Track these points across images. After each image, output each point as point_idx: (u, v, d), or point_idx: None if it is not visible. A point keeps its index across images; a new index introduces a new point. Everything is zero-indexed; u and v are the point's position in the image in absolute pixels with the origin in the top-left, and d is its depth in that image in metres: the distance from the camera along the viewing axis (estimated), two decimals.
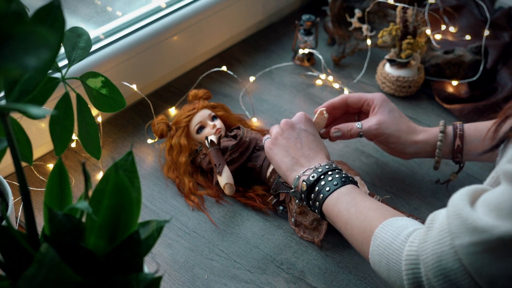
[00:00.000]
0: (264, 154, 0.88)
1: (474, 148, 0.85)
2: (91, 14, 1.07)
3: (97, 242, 0.48)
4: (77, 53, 0.69)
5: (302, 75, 1.16)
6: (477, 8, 1.31)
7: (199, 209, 0.88)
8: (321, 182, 0.74)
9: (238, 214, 0.87)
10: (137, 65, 1.02)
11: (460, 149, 0.85)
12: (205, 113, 0.94)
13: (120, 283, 0.47)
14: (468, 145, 0.85)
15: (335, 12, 1.19)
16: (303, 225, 0.83)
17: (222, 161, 0.86)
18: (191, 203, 0.88)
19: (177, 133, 0.93)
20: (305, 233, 0.83)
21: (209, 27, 1.14)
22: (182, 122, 0.93)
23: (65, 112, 0.65)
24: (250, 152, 0.89)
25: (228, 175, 0.86)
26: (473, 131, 0.85)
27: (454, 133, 0.85)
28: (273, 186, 0.86)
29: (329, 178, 0.73)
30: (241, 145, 0.88)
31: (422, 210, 0.89)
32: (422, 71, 1.11)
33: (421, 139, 0.86)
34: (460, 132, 0.85)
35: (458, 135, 0.85)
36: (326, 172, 0.74)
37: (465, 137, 0.85)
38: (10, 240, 0.47)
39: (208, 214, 0.87)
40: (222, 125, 0.94)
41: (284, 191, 0.84)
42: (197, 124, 0.92)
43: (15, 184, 0.87)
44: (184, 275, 0.78)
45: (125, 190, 0.47)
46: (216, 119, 0.94)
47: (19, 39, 0.36)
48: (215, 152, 0.87)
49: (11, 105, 0.42)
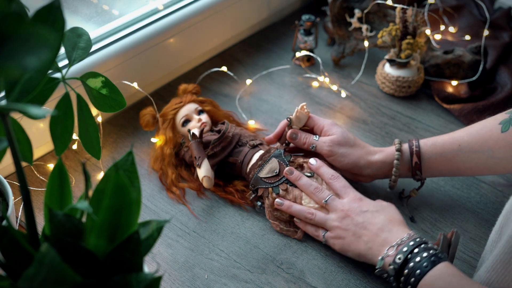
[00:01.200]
0: (246, 150, 0.89)
1: (434, 163, 0.83)
2: (91, 14, 1.07)
3: (97, 242, 0.48)
4: (77, 53, 0.69)
5: (300, 78, 1.16)
6: (477, 8, 1.31)
7: (180, 201, 0.89)
8: (409, 264, 0.68)
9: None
10: (137, 65, 1.03)
11: (418, 166, 0.84)
12: (192, 107, 0.95)
13: (120, 283, 0.47)
14: (426, 161, 0.84)
15: (335, 12, 1.19)
16: (281, 219, 0.84)
17: (203, 154, 0.87)
18: (171, 195, 0.89)
19: (163, 125, 0.94)
20: (284, 227, 0.84)
21: (209, 27, 1.14)
22: (169, 115, 0.94)
23: (65, 112, 0.65)
24: (232, 147, 0.90)
25: (207, 168, 0.86)
26: (430, 146, 0.83)
27: (410, 150, 0.84)
28: (251, 181, 0.86)
29: (418, 259, 0.68)
30: (223, 140, 0.89)
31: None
32: (422, 71, 1.11)
33: (377, 159, 0.85)
34: (417, 149, 0.83)
35: (415, 152, 0.83)
36: (412, 251, 0.69)
37: (422, 153, 0.83)
38: (11, 240, 0.47)
39: (189, 206, 0.88)
40: (208, 119, 0.95)
41: (262, 186, 0.85)
42: (183, 117, 0.94)
43: (16, 184, 0.87)
44: (184, 275, 0.78)
45: (125, 190, 0.47)
46: (202, 114, 0.95)
47: (19, 39, 0.36)
48: (196, 145, 0.88)
49: (11, 105, 0.42)
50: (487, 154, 0.80)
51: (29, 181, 0.90)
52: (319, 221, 0.79)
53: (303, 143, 0.87)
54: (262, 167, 0.85)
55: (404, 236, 0.72)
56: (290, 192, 0.83)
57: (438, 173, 0.86)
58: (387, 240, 0.72)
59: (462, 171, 0.84)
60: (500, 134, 0.78)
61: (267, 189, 0.84)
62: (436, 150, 0.83)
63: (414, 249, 0.69)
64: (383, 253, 0.72)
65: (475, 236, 0.85)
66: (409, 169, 0.85)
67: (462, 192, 0.92)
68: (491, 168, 0.81)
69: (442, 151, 0.83)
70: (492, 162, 0.80)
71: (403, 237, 0.72)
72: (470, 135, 0.82)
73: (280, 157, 0.86)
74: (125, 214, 0.48)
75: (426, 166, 0.84)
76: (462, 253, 0.82)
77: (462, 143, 0.82)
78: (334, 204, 0.78)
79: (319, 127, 0.88)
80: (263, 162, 0.86)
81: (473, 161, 0.81)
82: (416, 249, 0.69)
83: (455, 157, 0.82)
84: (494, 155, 0.79)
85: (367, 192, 0.90)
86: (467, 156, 0.81)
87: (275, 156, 0.86)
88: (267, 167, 0.85)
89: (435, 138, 0.85)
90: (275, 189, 0.83)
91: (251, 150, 0.88)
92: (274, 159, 0.86)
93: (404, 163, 0.85)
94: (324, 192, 0.80)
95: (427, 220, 0.87)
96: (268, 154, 0.87)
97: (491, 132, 0.79)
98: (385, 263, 0.71)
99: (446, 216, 0.88)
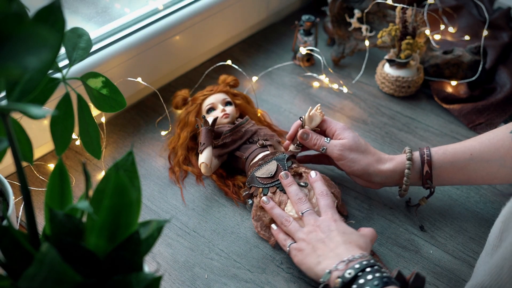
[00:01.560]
0: (254, 147, 0.89)
1: (445, 172, 0.83)
2: (91, 14, 1.07)
3: (97, 241, 0.48)
4: (78, 54, 0.69)
5: (300, 77, 1.16)
6: (476, 9, 1.31)
7: (176, 183, 0.91)
8: (359, 280, 0.64)
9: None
10: (137, 66, 1.03)
11: (429, 175, 0.82)
12: (220, 97, 0.96)
13: (120, 283, 0.47)
14: (437, 170, 0.82)
15: (334, 13, 1.19)
16: (262, 221, 0.84)
17: (208, 142, 0.88)
18: (171, 175, 0.92)
19: (190, 108, 0.96)
20: (261, 230, 0.84)
21: (209, 28, 1.14)
22: (198, 99, 0.97)
23: (66, 112, 0.66)
24: (242, 142, 0.90)
25: (208, 156, 0.87)
26: (441, 155, 0.82)
27: (421, 159, 0.83)
28: (248, 178, 0.87)
29: (369, 277, 0.64)
30: (234, 133, 0.90)
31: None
32: (421, 71, 1.11)
33: (388, 168, 0.83)
34: (428, 158, 0.82)
35: (426, 161, 0.82)
36: (364, 269, 0.65)
37: (433, 162, 0.82)
38: (11, 240, 0.47)
39: (181, 189, 0.90)
40: (234, 112, 0.96)
41: (255, 185, 0.85)
42: (209, 105, 0.96)
43: (16, 184, 0.87)
44: (184, 275, 0.78)
45: (125, 190, 0.47)
46: (229, 105, 0.96)
47: (19, 39, 0.36)
48: (205, 132, 0.89)
49: (12, 105, 0.42)
50: (498, 163, 0.79)
51: (30, 181, 0.90)
52: (291, 229, 0.77)
53: (314, 144, 0.86)
54: (261, 166, 0.86)
55: (357, 254, 0.68)
56: (277, 196, 0.83)
57: (449, 182, 0.84)
58: (339, 255, 0.69)
59: (473, 180, 0.83)
60: (511, 143, 0.78)
61: (258, 188, 0.84)
62: (447, 159, 0.82)
63: (366, 268, 0.65)
64: (332, 267, 0.68)
65: (475, 236, 0.85)
66: (419, 178, 0.84)
67: (462, 191, 0.92)
68: (503, 178, 0.81)
69: (453, 160, 0.82)
70: (504, 171, 0.79)
71: (356, 255, 0.68)
72: (481, 144, 0.81)
73: (281, 161, 0.86)
74: (125, 214, 0.48)
75: (437, 175, 0.83)
76: (462, 253, 0.82)
77: (474, 152, 0.81)
78: (309, 218, 0.77)
79: (331, 129, 0.87)
80: (263, 162, 0.86)
81: (485, 170, 0.80)
82: (368, 268, 0.65)
83: (466, 166, 0.81)
84: (506, 164, 0.79)
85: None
86: (479, 166, 0.80)
87: (277, 159, 0.86)
88: (265, 168, 0.85)
89: (446, 146, 0.84)
90: (264, 190, 0.83)
91: (258, 148, 0.89)
92: (274, 161, 0.86)
93: (415, 172, 0.83)
94: (305, 204, 0.78)
95: (427, 220, 0.87)
96: (272, 156, 0.87)
97: (502, 141, 0.79)
98: (332, 277, 0.67)
99: (446, 216, 0.88)
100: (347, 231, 0.73)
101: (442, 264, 0.81)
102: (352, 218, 0.87)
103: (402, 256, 0.82)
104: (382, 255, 0.82)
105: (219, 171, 0.92)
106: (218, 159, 0.90)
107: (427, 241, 0.84)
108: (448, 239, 0.85)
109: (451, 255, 0.82)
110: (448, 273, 0.79)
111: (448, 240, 0.84)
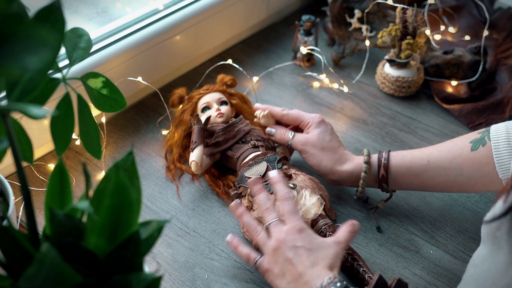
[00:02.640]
0: (246, 147, 0.89)
1: (401, 177, 0.83)
2: (91, 14, 1.07)
3: (97, 241, 0.48)
4: (78, 54, 0.69)
5: (300, 77, 1.16)
6: (477, 9, 1.31)
7: (172, 181, 0.91)
8: None
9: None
10: (138, 66, 1.03)
11: (385, 179, 0.83)
12: (216, 96, 0.96)
13: (120, 283, 0.47)
14: (393, 174, 0.83)
15: (335, 13, 1.19)
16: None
17: (199, 140, 0.88)
18: (168, 173, 0.93)
19: (185, 106, 0.96)
20: (246, 231, 0.83)
21: (210, 28, 1.14)
22: (194, 98, 0.97)
23: (66, 112, 0.65)
24: (235, 142, 0.90)
25: (198, 154, 0.87)
26: (399, 160, 0.83)
27: (378, 162, 0.84)
28: (237, 178, 0.87)
29: None
30: (226, 132, 0.90)
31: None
32: (422, 71, 1.11)
33: (346, 169, 0.85)
34: (385, 162, 0.83)
35: (382, 165, 0.83)
36: None
37: (390, 166, 0.83)
38: (11, 240, 0.47)
39: (177, 186, 0.91)
40: (229, 112, 0.95)
41: (243, 185, 0.85)
42: (204, 103, 0.95)
43: (16, 184, 0.87)
44: (184, 275, 0.78)
45: (125, 190, 0.47)
46: (225, 105, 0.96)
47: (19, 39, 0.36)
48: (197, 130, 0.89)
49: (12, 105, 0.42)
50: (455, 172, 0.79)
51: (30, 181, 0.90)
52: (259, 241, 0.75)
53: (280, 138, 0.90)
54: (251, 167, 0.86)
55: (325, 279, 0.66)
56: None
57: (406, 187, 0.85)
58: (307, 283, 0.67)
59: (431, 187, 0.84)
60: (469, 153, 0.78)
61: (246, 189, 0.84)
62: (405, 164, 0.83)
63: None
64: None
65: (475, 236, 0.85)
66: (376, 180, 0.85)
67: None
68: (460, 186, 0.81)
69: (410, 165, 0.82)
70: (460, 180, 0.80)
71: (324, 281, 0.66)
72: (440, 151, 0.81)
73: (272, 162, 0.86)
74: (126, 214, 0.48)
75: (393, 179, 0.84)
76: (462, 253, 0.82)
77: (431, 159, 0.81)
78: (273, 230, 0.73)
79: (304, 123, 0.89)
80: (254, 163, 0.86)
81: (441, 177, 0.81)
82: None
83: (423, 173, 0.82)
84: (463, 173, 0.79)
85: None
86: (435, 172, 0.81)
87: (268, 160, 0.86)
88: (254, 168, 0.85)
89: (405, 151, 0.84)
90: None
91: (250, 149, 0.89)
92: (265, 162, 0.86)
93: (372, 175, 0.85)
94: (271, 215, 0.75)
95: (427, 220, 0.87)
96: (263, 156, 0.87)
97: (461, 150, 0.79)
98: None
99: (446, 215, 0.88)
100: (314, 246, 0.70)
101: (442, 264, 0.81)
102: (352, 218, 0.87)
103: (403, 256, 0.82)
104: (382, 255, 0.82)
105: (212, 170, 0.92)
106: (210, 158, 0.90)
107: (427, 241, 0.84)
108: (448, 239, 0.85)
109: (451, 255, 0.82)
110: (448, 273, 0.79)
111: (448, 240, 0.84)
